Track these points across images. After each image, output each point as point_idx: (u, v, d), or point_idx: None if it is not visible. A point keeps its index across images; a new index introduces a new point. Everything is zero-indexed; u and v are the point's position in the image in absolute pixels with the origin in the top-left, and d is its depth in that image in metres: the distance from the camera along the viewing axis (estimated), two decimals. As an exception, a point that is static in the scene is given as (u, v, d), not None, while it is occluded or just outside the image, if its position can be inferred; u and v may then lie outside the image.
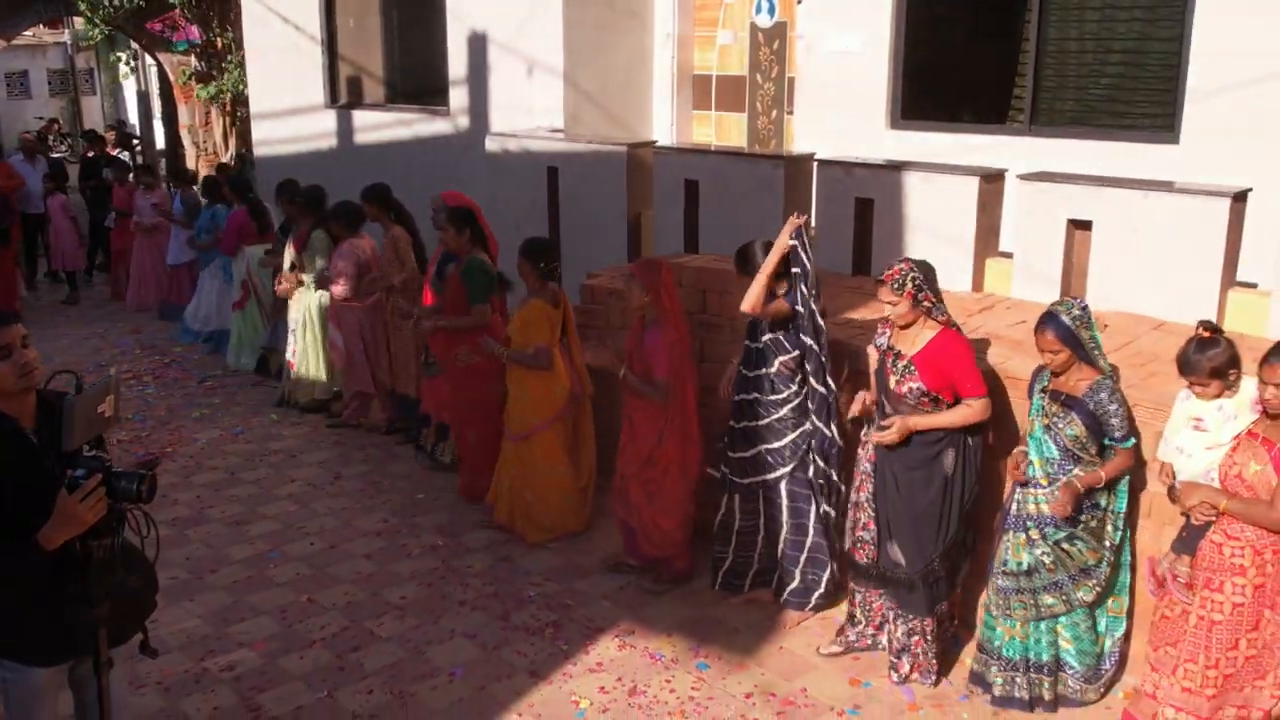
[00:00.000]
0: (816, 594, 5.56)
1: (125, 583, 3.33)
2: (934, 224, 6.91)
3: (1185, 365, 4.36)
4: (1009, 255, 6.80)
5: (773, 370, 5.41)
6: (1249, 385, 4.25)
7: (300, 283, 8.55)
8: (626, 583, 5.99)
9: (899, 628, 4.97)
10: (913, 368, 4.79)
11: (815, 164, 7.51)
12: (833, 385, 5.32)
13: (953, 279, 6.78)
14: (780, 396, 5.42)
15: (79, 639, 3.38)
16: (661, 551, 5.91)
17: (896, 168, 7.08)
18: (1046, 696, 4.73)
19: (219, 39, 16.59)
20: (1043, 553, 4.58)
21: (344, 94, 11.89)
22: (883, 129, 8.49)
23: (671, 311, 5.70)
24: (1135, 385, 4.90)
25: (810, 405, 5.37)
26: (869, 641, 5.21)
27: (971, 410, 4.73)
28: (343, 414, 8.52)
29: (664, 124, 10.14)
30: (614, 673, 5.14)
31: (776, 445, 5.45)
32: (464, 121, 10.38)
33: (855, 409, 5.10)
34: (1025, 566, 4.63)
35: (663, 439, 5.77)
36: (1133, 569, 4.71)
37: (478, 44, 10.01)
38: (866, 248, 7.25)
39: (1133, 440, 4.50)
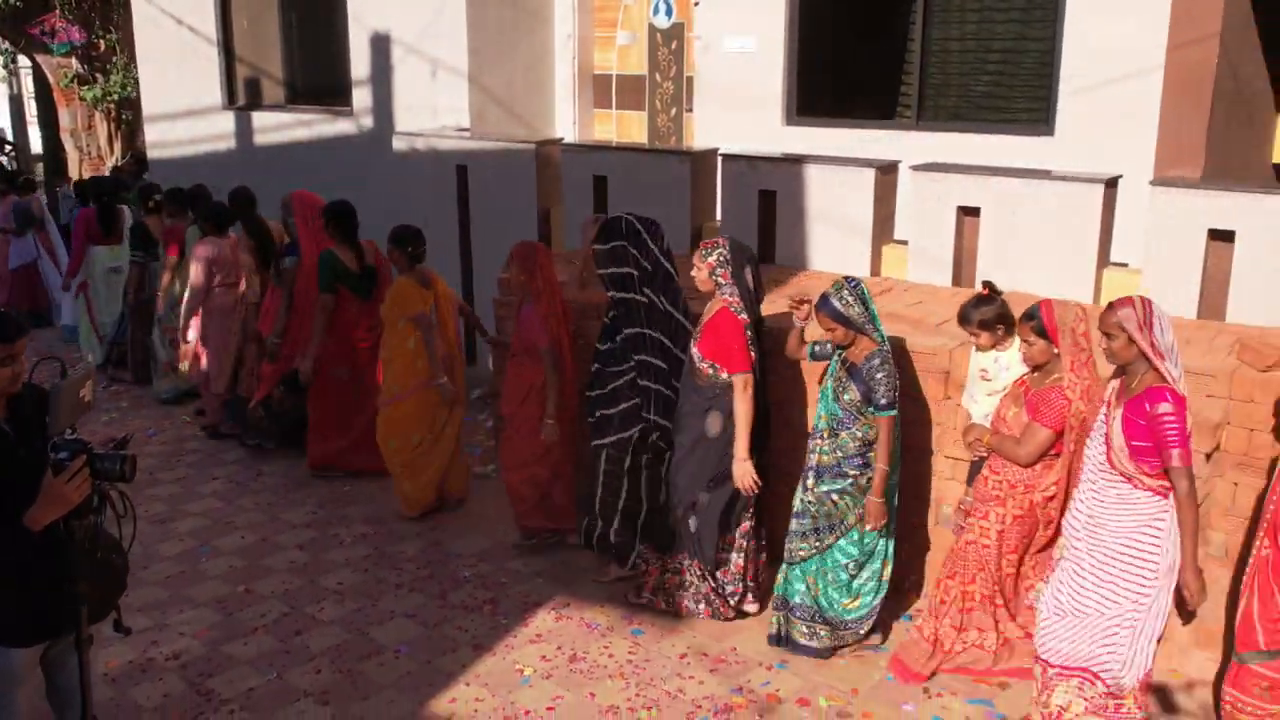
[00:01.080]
0: (633, 556, 5.92)
1: (109, 560, 3.48)
2: (833, 213, 7.33)
3: (960, 318, 5.10)
4: (904, 242, 7.25)
5: (611, 346, 5.86)
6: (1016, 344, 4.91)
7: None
8: (556, 557, 6.33)
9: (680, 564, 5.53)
10: (699, 334, 5.36)
11: (720, 158, 7.86)
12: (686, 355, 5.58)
13: (852, 265, 7.22)
14: (619, 369, 5.83)
15: (58, 619, 3.52)
16: (513, 506, 6.39)
17: (797, 161, 7.47)
18: (792, 635, 5.26)
19: (102, 40, 16.25)
20: (810, 500, 5.12)
21: (242, 95, 11.84)
22: (779, 125, 8.89)
23: (545, 290, 6.17)
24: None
25: (642, 380, 5.76)
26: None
27: (735, 389, 5.22)
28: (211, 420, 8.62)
29: (566, 122, 10.40)
30: (554, 642, 5.41)
31: (614, 410, 5.86)
32: (368, 122, 10.47)
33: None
34: (796, 509, 5.20)
35: (525, 401, 6.22)
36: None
37: (381, 45, 10.12)
38: (770, 237, 7.63)
39: (892, 411, 4.93)
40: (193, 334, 8.31)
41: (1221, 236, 6.04)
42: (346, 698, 4.95)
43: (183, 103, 12.16)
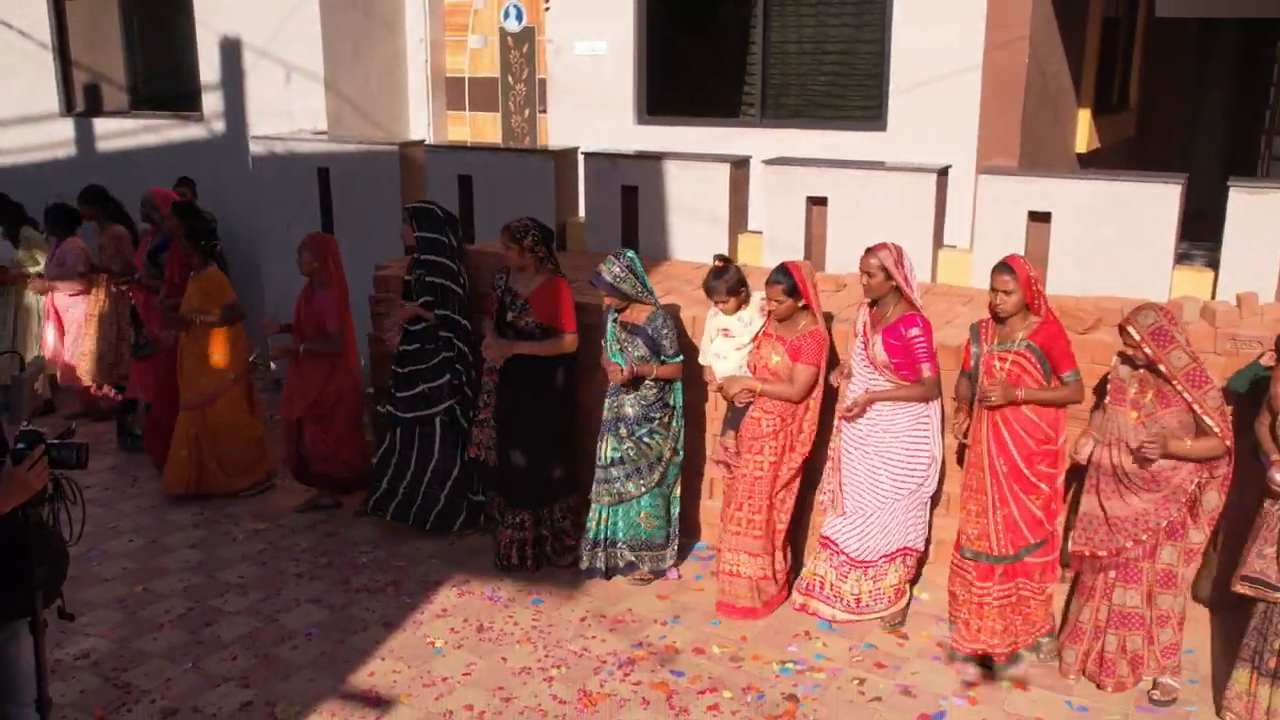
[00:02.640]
0: (459, 520, 6.61)
1: (61, 547, 3.65)
2: (692, 206, 7.82)
3: (708, 290, 5.76)
4: (759, 232, 7.79)
5: (426, 325, 6.55)
6: (758, 297, 5.72)
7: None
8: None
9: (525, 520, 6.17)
10: (528, 305, 6.04)
11: (582, 156, 8.25)
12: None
13: (711, 254, 7.70)
14: (434, 346, 6.53)
15: (6, 606, 3.65)
16: (346, 474, 7.00)
17: (656, 158, 7.93)
18: (625, 564, 5.98)
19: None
20: (628, 446, 5.85)
21: (80, 101, 11.58)
22: (631, 124, 9.35)
23: (335, 276, 6.80)
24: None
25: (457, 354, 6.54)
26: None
27: (564, 341, 6.03)
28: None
29: (421, 125, 10.62)
30: (460, 615, 5.72)
31: (440, 383, 6.53)
32: (219, 126, 10.44)
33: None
34: (611, 460, 5.88)
35: (330, 379, 6.84)
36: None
37: (231, 49, 10.12)
38: (633, 230, 8.07)
39: (681, 357, 5.86)
40: (52, 338, 8.24)
41: (1040, 217, 6.78)
42: (267, 680, 5.15)
43: (14, 109, 11.80)
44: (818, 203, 7.45)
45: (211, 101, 10.45)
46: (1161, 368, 4.64)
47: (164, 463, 7.39)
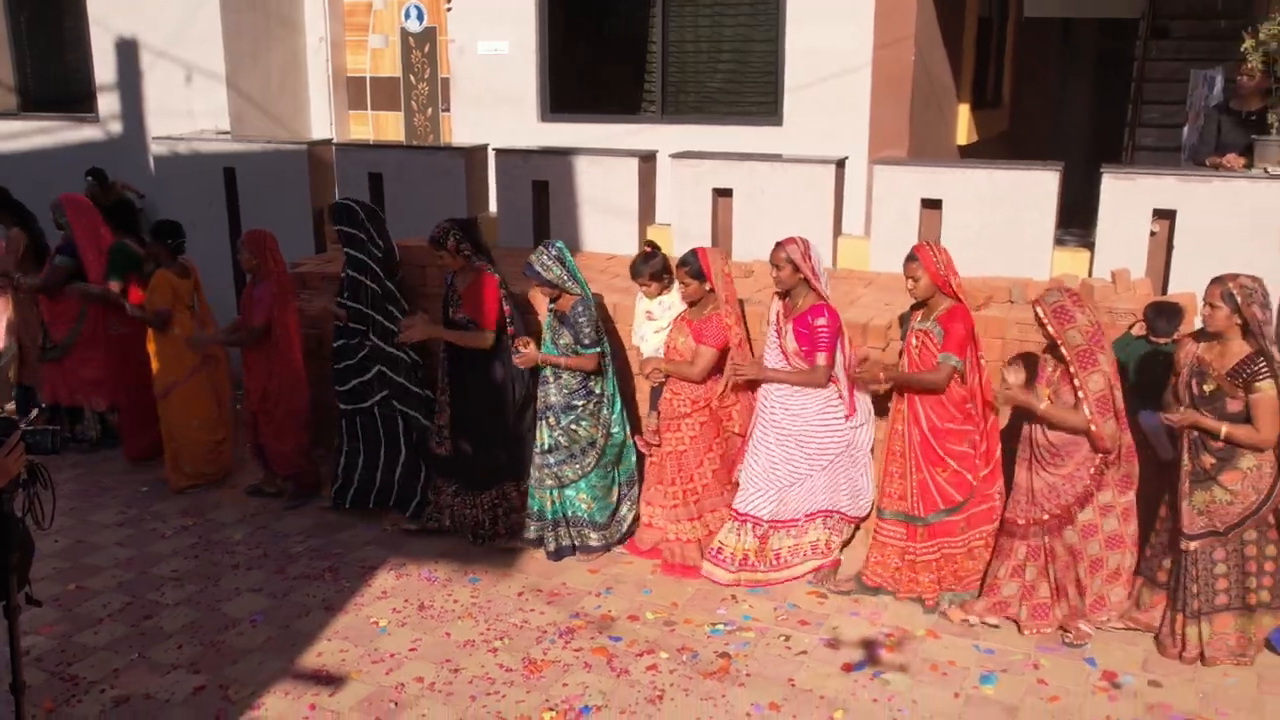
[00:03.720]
0: (414, 501, 6.79)
1: (28, 533, 3.76)
2: (602, 199, 8.11)
3: (633, 273, 6.16)
4: (667, 224, 8.12)
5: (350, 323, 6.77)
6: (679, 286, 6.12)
7: None
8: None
9: (481, 502, 6.46)
10: (460, 300, 6.32)
11: (493, 153, 8.47)
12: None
13: (622, 245, 8.03)
14: (355, 343, 6.72)
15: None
16: (287, 470, 7.15)
17: (566, 153, 8.21)
18: (575, 544, 6.28)
19: None
20: (559, 434, 6.12)
21: (-36, 103, 11.35)
22: (535, 122, 9.61)
23: (274, 272, 6.91)
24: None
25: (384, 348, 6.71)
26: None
27: (481, 336, 6.25)
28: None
29: (323, 124, 10.70)
30: (400, 596, 5.91)
31: (368, 376, 6.74)
32: (116, 128, 10.36)
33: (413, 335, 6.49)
34: (547, 446, 6.17)
35: (271, 375, 6.96)
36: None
37: (128, 49, 10.05)
38: (544, 224, 8.33)
39: (597, 349, 6.04)
40: None
41: (931, 204, 7.25)
42: (216, 665, 5.27)
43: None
44: (723, 194, 7.82)
45: (108, 102, 10.36)
46: (1060, 345, 5.10)
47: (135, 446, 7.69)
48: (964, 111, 10.55)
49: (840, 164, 7.65)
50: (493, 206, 8.69)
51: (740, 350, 5.99)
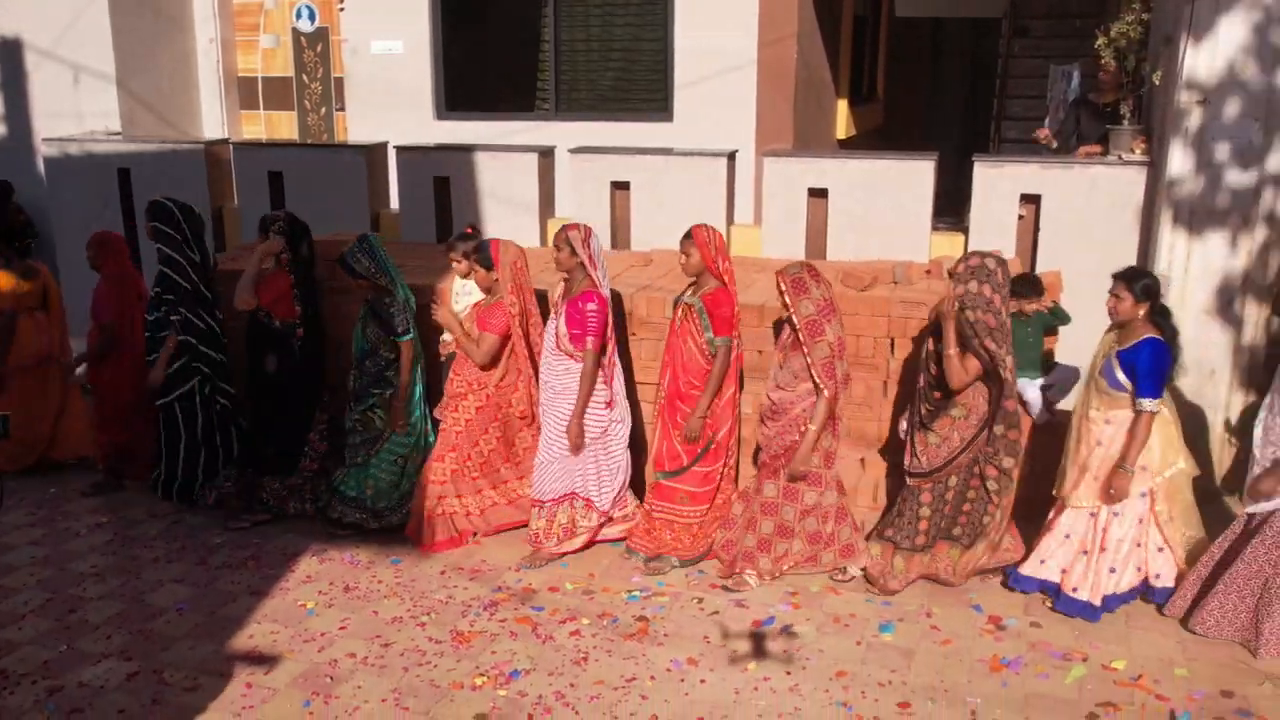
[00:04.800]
0: (215, 493, 7.01)
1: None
2: (503, 194, 8.36)
3: (447, 248, 6.48)
4: (567, 218, 8.40)
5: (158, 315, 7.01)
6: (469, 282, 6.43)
7: None
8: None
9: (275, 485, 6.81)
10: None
11: (394, 150, 8.64)
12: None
13: (524, 238, 8.25)
14: (164, 336, 6.99)
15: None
16: (110, 462, 7.42)
17: (467, 149, 8.43)
18: (343, 517, 6.57)
19: None
20: (357, 419, 6.53)
21: None
22: (431, 120, 9.78)
23: (114, 272, 7.23)
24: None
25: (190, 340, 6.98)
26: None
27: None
28: None
29: (215, 124, 10.69)
30: (325, 579, 6.08)
31: (173, 368, 6.96)
32: (0, 130, 10.19)
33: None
34: (348, 428, 6.56)
35: (113, 370, 7.27)
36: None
37: (11, 50, 9.90)
38: (447, 219, 8.54)
39: (408, 337, 6.39)
40: None
41: (818, 193, 7.69)
42: (148, 652, 5.37)
43: None
44: (621, 187, 8.14)
45: (-10, 104, 10.19)
46: (793, 315, 5.60)
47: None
48: (843, 107, 11.06)
49: (731, 157, 8.05)
50: (394, 203, 8.85)
51: (520, 341, 6.32)
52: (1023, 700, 4.90)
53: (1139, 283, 5.32)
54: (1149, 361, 5.24)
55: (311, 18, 10.37)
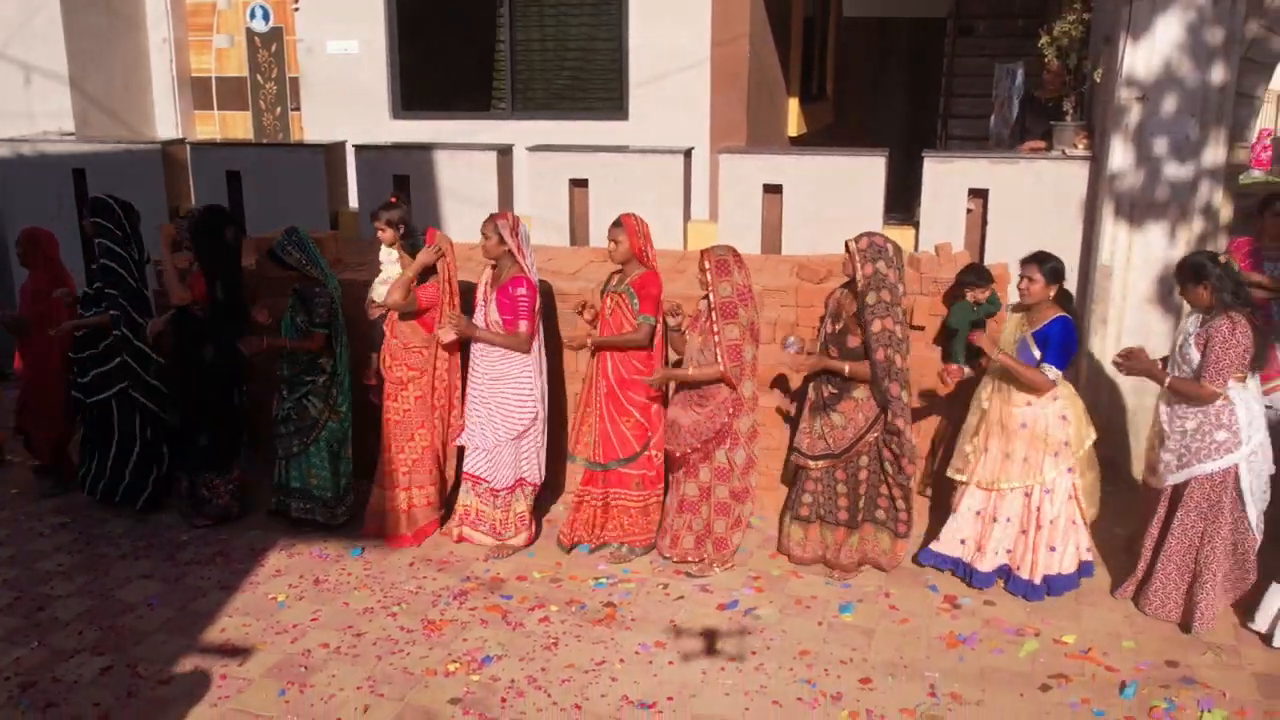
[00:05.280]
0: (144, 494, 7.03)
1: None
2: (462, 191, 8.45)
3: (371, 215, 6.61)
4: (528, 216, 8.50)
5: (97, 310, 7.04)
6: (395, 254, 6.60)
7: None
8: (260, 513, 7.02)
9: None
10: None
11: (353, 149, 8.69)
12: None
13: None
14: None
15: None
16: (47, 459, 7.53)
17: (426, 148, 8.51)
18: (294, 515, 6.65)
19: None
20: (290, 407, 6.55)
21: None
22: (387, 120, 9.82)
23: (38, 268, 7.36)
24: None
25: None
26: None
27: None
28: None
29: (169, 125, 10.66)
30: (295, 573, 6.15)
31: (109, 366, 6.97)
32: (-53, 131, 10.10)
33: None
34: (279, 418, 6.59)
35: (36, 366, 7.40)
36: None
37: (-41, 51, 9.83)
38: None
39: (325, 330, 6.46)
40: None
41: (772, 189, 7.87)
42: (120, 646, 5.42)
43: None
44: (579, 184, 8.26)
45: (-61, 105, 10.08)
46: (710, 293, 5.82)
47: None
48: (794, 105, 11.26)
49: (687, 154, 8.20)
50: (353, 202, 8.90)
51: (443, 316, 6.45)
52: (979, 674, 5.10)
53: (1048, 265, 5.60)
54: (1061, 335, 5.56)
55: (266, 18, 10.38)
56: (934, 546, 6.00)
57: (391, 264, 6.70)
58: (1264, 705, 4.84)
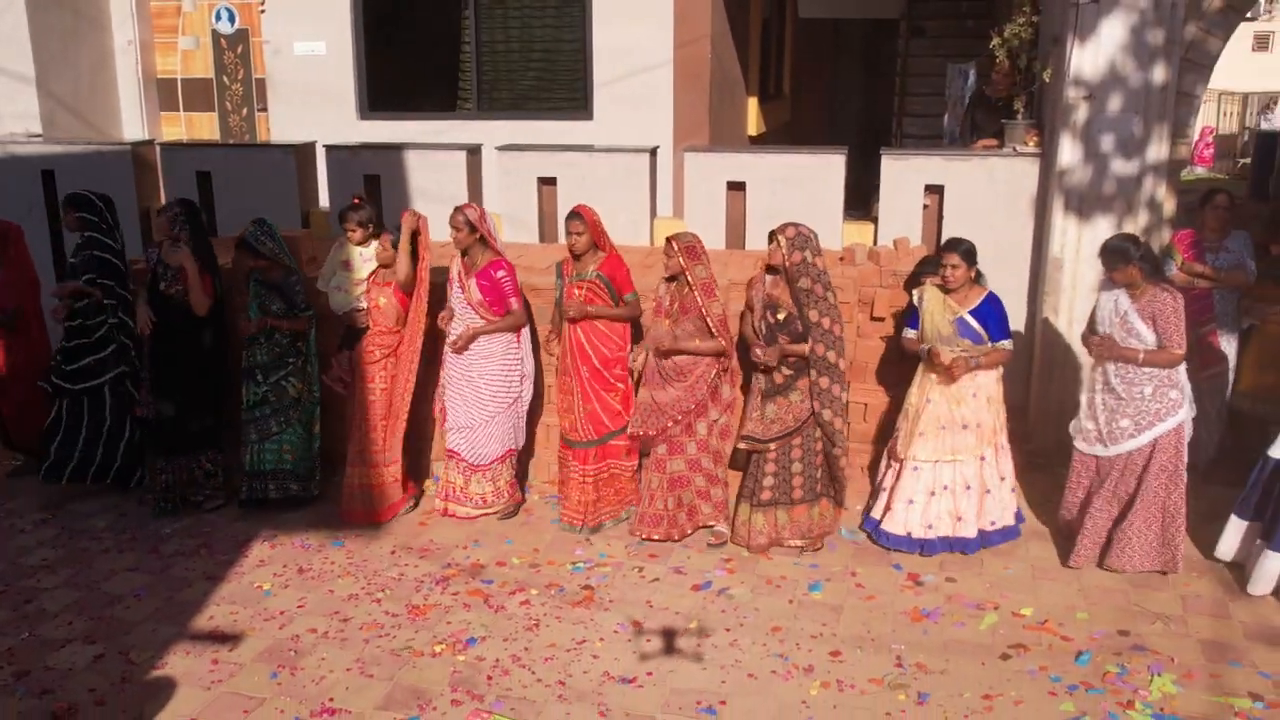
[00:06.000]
0: (136, 477, 7.34)
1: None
2: (432, 190, 8.60)
3: (341, 218, 6.80)
4: (497, 214, 8.67)
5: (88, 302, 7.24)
6: (375, 242, 6.86)
7: None
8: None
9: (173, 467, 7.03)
10: (177, 275, 6.81)
11: (324, 149, 8.82)
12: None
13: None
14: (98, 320, 7.22)
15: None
16: (25, 444, 7.69)
17: (397, 148, 8.66)
18: (273, 496, 6.90)
19: None
20: (267, 389, 6.81)
21: None
22: (354, 120, 9.95)
23: (16, 260, 7.57)
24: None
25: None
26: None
27: (195, 305, 6.84)
28: None
29: (135, 126, 10.71)
30: (279, 563, 6.30)
31: (104, 354, 7.23)
32: (-89, 133, 10.09)
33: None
34: (253, 402, 6.84)
35: (16, 355, 7.54)
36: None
37: (-78, 53, 9.83)
38: (377, 216, 8.70)
39: (310, 311, 6.84)
40: None
41: (736, 186, 8.11)
42: (111, 635, 5.54)
43: None
44: (547, 183, 8.46)
45: (-99, 107, 10.07)
46: (687, 276, 6.15)
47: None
48: (753, 104, 11.53)
49: (653, 152, 8.42)
50: (324, 201, 9.03)
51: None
52: (942, 645, 5.37)
53: (963, 248, 6.05)
54: (999, 311, 6.08)
55: (231, 20, 10.47)
56: (888, 527, 6.31)
57: (365, 263, 6.85)
58: (1209, 669, 5.14)
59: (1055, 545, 6.33)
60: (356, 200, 6.98)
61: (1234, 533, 6.01)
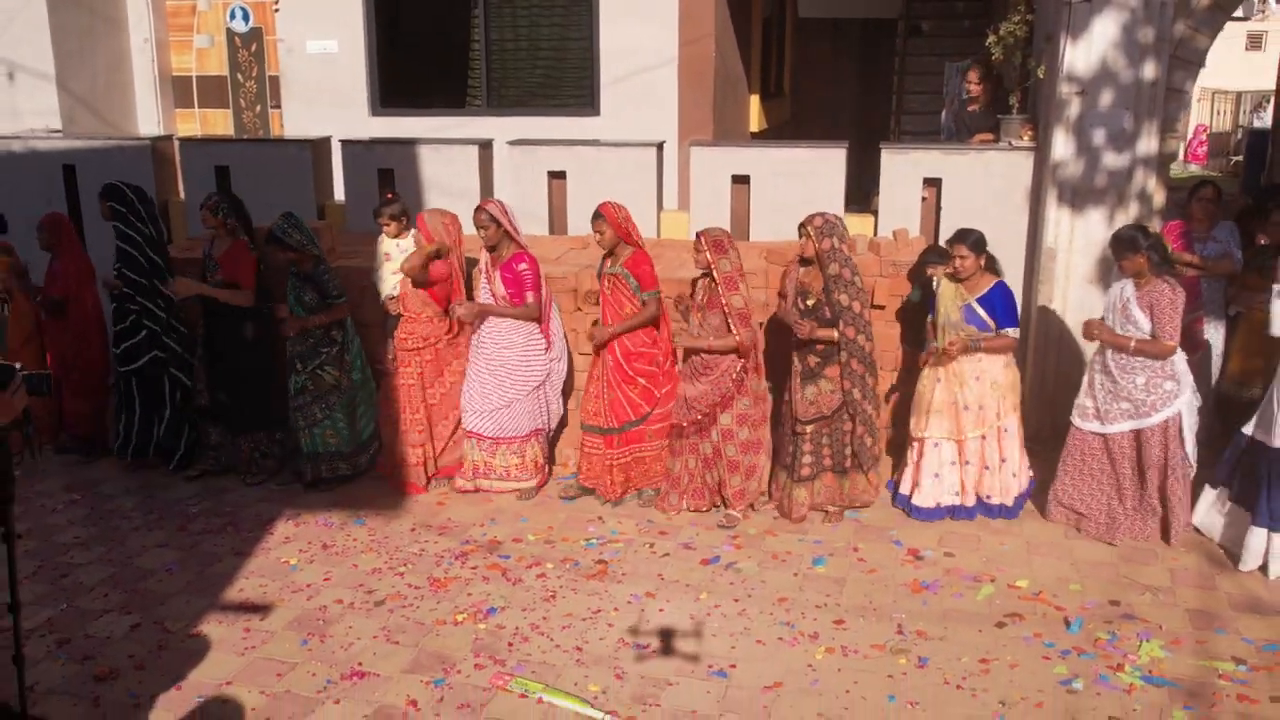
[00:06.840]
0: (177, 455, 7.64)
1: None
2: (445, 184, 8.85)
3: (374, 214, 7.26)
4: (506, 203, 8.93)
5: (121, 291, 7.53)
6: (413, 232, 7.27)
7: None
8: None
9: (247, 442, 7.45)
10: (218, 265, 7.23)
11: (340, 144, 9.07)
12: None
13: (465, 225, 8.77)
14: (134, 307, 7.46)
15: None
16: (79, 429, 7.95)
17: (410, 143, 8.91)
18: (325, 475, 7.24)
19: None
20: (305, 379, 7.10)
21: None
22: (366, 117, 10.23)
23: (70, 250, 7.80)
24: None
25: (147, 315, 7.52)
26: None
27: (240, 294, 7.20)
28: None
29: (151, 123, 10.96)
30: (303, 540, 6.55)
31: (138, 339, 7.46)
32: (-69, 129, 10.33)
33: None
34: (296, 390, 7.13)
35: (70, 342, 7.82)
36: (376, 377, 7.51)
37: (-55, 51, 10.08)
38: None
39: (344, 299, 7.10)
40: None
41: (740, 180, 8.36)
42: (146, 606, 5.79)
43: None
44: (557, 176, 8.71)
45: (-78, 104, 10.31)
46: (713, 270, 6.40)
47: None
48: (755, 101, 11.79)
49: (660, 147, 8.67)
50: (339, 194, 9.28)
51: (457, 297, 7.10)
52: (941, 614, 5.62)
53: (972, 239, 6.33)
54: (1006, 300, 6.36)
55: (245, 18, 10.72)
56: (919, 502, 6.63)
57: (401, 254, 7.18)
58: (1195, 635, 5.40)
59: (1049, 523, 6.59)
60: (390, 195, 7.27)
61: (1205, 500, 6.36)
